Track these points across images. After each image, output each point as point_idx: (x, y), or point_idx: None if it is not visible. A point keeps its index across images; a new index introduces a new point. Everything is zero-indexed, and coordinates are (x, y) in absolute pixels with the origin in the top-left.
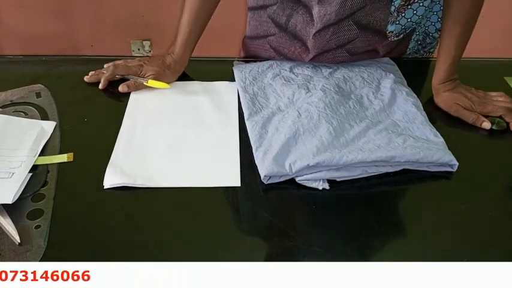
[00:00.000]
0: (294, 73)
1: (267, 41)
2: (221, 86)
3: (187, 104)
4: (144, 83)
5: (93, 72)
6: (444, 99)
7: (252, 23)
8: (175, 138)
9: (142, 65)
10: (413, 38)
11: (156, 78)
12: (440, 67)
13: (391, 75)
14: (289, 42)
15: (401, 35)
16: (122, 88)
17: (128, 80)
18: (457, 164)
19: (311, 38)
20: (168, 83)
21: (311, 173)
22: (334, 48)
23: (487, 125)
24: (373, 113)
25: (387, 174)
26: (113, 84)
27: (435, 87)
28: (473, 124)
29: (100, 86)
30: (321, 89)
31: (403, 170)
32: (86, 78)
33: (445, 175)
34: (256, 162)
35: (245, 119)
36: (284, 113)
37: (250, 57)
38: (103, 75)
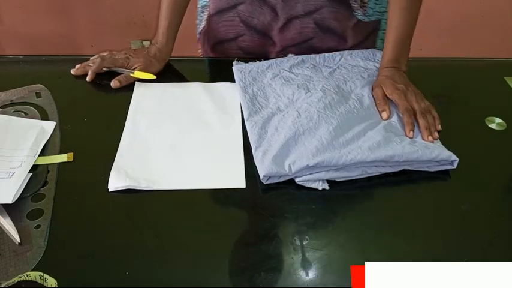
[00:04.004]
0: (293, 73)
1: (236, 11)
2: (223, 87)
3: (189, 105)
4: (131, 75)
5: (80, 65)
6: (377, 81)
7: None
8: (179, 140)
9: (129, 57)
10: (379, 36)
11: (143, 69)
12: (385, 50)
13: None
14: (259, 9)
15: (368, 19)
16: (114, 84)
17: (114, 72)
18: (457, 159)
19: (280, 1)
20: (154, 71)
21: (310, 174)
22: (302, 15)
23: (384, 115)
24: (372, 113)
25: (387, 174)
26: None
27: (379, 70)
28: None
29: (87, 79)
30: (320, 90)
31: (403, 170)
32: (72, 71)
33: (445, 176)
34: (255, 162)
35: (245, 119)
36: (284, 113)
37: (217, 40)
38: (90, 67)
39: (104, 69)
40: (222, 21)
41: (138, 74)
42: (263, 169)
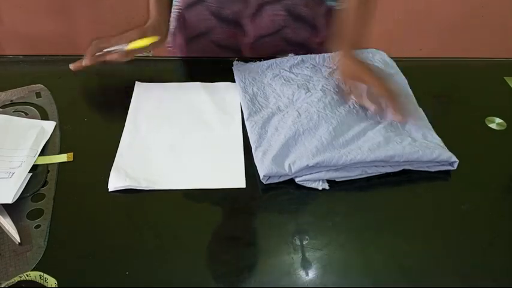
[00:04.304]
0: (293, 73)
1: (206, 4)
2: (223, 87)
3: (189, 105)
4: (126, 49)
5: (79, 60)
6: (343, 65)
7: None
8: (179, 140)
9: (122, 34)
10: None
11: (140, 37)
12: (345, 32)
13: (390, 74)
14: None
15: (339, 6)
16: (109, 57)
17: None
18: (457, 161)
19: None
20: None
21: (310, 174)
22: (272, 1)
23: (373, 109)
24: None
25: (387, 174)
26: (113, 84)
27: (342, 53)
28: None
29: (84, 62)
30: (320, 89)
31: (403, 170)
32: (71, 66)
33: (445, 176)
34: (255, 162)
35: (245, 119)
36: (284, 113)
37: (188, 37)
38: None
39: (99, 53)
40: (192, 16)
41: (133, 44)
42: (263, 169)
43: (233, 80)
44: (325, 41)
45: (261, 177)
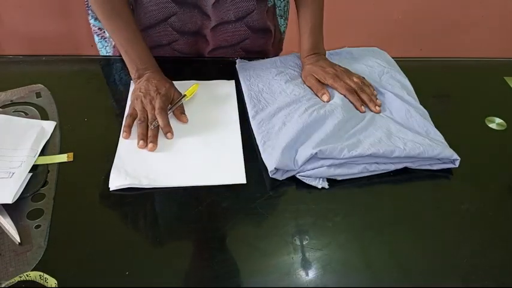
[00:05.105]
0: (297, 71)
1: (167, 23)
2: (220, 84)
3: (187, 103)
4: (183, 101)
5: (126, 128)
6: (305, 70)
7: (150, 8)
8: (178, 137)
9: (166, 93)
10: (278, 14)
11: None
12: (303, 40)
13: (390, 71)
14: (189, 14)
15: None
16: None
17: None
18: (459, 158)
19: (210, 7)
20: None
21: (313, 169)
22: (233, 20)
23: (325, 97)
24: None
25: (388, 173)
26: (113, 84)
27: (302, 60)
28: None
29: (169, 137)
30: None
31: (404, 169)
32: (140, 145)
33: (446, 175)
34: (262, 156)
35: (251, 116)
36: (290, 109)
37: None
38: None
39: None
40: (152, 34)
41: (189, 94)
42: (271, 163)
43: (229, 78)
44: (276, 36)
45: (269, 171)
